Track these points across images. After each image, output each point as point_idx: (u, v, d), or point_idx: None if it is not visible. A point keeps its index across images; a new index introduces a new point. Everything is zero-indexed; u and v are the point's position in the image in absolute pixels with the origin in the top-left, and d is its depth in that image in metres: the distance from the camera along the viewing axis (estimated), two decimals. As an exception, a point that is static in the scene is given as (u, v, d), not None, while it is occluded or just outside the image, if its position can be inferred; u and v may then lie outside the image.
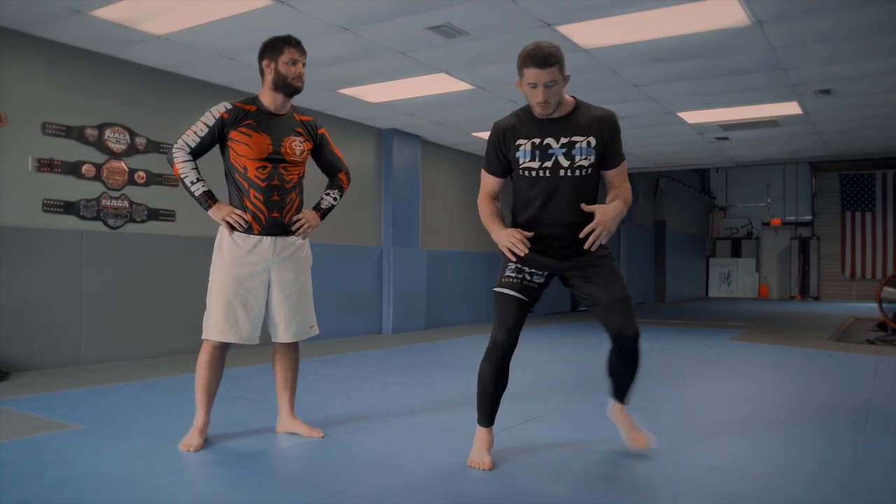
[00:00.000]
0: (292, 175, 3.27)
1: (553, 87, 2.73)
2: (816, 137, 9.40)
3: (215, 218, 3.20)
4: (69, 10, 4.95)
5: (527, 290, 2.94)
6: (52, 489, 2.60)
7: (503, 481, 2.77)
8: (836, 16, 4.95)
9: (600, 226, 2.71)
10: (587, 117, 2.85)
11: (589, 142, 2.81)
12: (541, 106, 2.78)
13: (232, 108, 3.19)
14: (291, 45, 3.23)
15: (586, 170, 2.82)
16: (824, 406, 4.39)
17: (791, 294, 21.68)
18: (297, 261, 3.33)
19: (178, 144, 3.19)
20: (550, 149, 2.83)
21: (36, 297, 5.42)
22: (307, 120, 3.42)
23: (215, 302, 3.20)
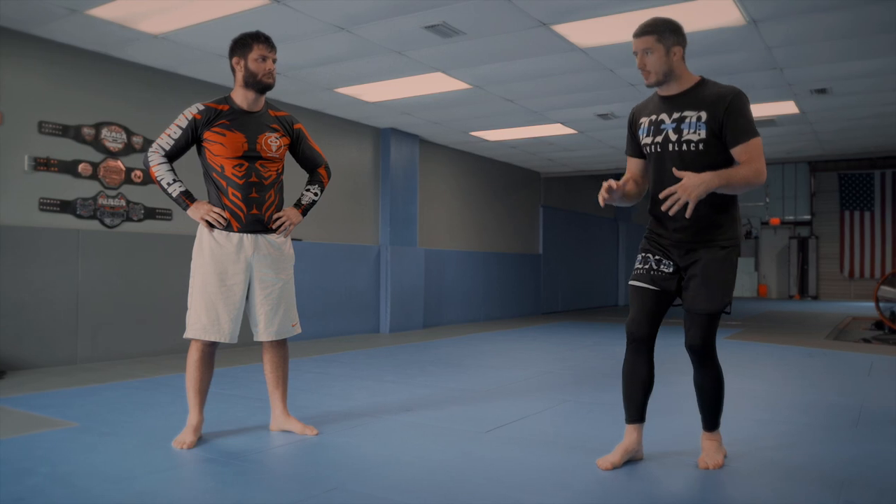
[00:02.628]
0: (270, 172, 3.27)
1: (650, 56, 2.76)
2: (813, 137, 9.41)
3: (194, 217, 3.20)
4: (66, 9, 4.96)
5: (656, 279, 2.90)
6: (46, 486, 2.61)
7: (496, 479, 2.78)
8: (830, 15, 4.97)
9: (680, 189, 2.60)
10: (706, 93, 2.78)
11: (700, 116, 2.74)
12: (644, 74, 2.81)
13: (204, 108, 3.20)
14: (260, 42, 3.22)
15: (695, 144, 2.74)
16: (817, 404, 4.41)
17: (790, 293, 21.70)
18: (279, 259, 3.34)
19: (152, 148, 3.20)
20: (663, 124, 2.82)
21: (32, 296, 5.43)
22: (282, 115, 3.41)
23: (197, 301, 3.21)
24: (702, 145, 2.73)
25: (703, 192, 2.60)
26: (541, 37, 5.48)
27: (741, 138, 2.69)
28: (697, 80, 2.84)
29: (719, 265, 2.79)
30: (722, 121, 2.70)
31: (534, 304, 12.61)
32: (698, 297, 2.80)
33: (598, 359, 6.57)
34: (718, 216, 2.79)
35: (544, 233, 12.96)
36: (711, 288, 2.79)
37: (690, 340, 2.88)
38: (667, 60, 2.76)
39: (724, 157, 2.74)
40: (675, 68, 2.79)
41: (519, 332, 9.17)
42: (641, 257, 2.95)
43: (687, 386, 5.01)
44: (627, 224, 16.69)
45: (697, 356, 2.92)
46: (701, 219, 2.76)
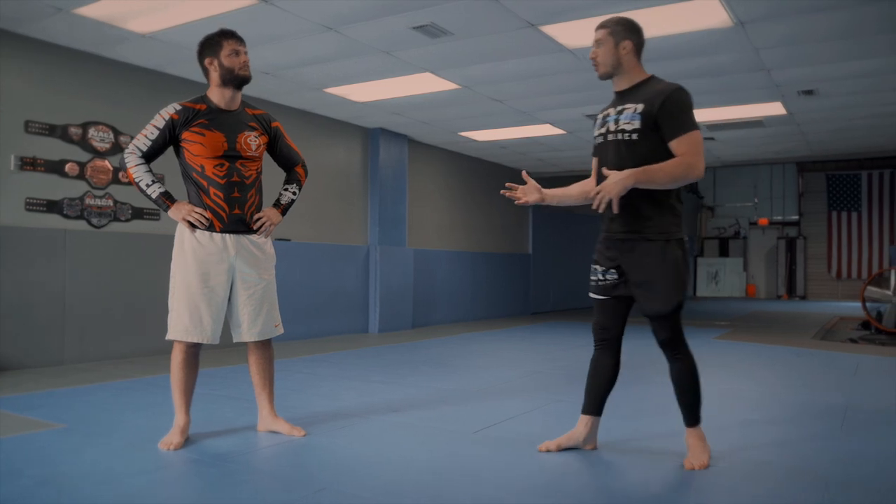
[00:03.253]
0: (250, 171, 3.26)
1: (600, 48, 2.90)
2: (801, 138, 9.47)
3: (175, 218, 3.17)
4: (53, 8, 4.94)
5: (607, 290, 3.03)
6: (32, 488, 2.60)
7: (484, 479, 2.79)
8: (818, 17, 4.99)
9: (602, 188, 2.75)
10: (649, 88, 2.87)
11: (637, 108, 2.83)
12: (594, 66, 2.95)
13: (181, 108, 3.17)
14: (229, 37, 3.21)
15: (629, 134, 2.82)
16: (804, 404, 4.43)
17: (778, 293, 21.81)
18: (261, 258, 3.32)
19: (129, 149, 3.16)
20: (608, 116, 2.95)
21: (19, 297, 5.40)
22: (260, 114, 3.39)
23: (179, 301, 3.18)
24: (636, 135, 2.81)
25: (621, 190, 2.71)
26: (529, 38, 5.49)
27: (677, 132, 2.76)
28: (647, 76, 2.94)
29: (659, 265, 2.83)
30: (657, 114, 2.77)
31: (523, 304, 12.62)
32: (648, 300, 2.87)
33: (587, 358, 6.57)
34: (648, 208, 2.84)
35: (534, 233, 12.99)
36: (656, 290, 2.84)
37: (658, 338, 2.96)
38: (615, 53, 2.87)
39: (659, 150, 2.80)
40: (623, 62, 2.89)
41: (508, 331, 9.18)
42: (592, 269, 3.08)
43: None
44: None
45: (668, 353, 2.98)
46: (629, 210, 2.84)
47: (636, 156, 2.80)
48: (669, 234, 2.85)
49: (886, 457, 3.17)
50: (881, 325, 9.42)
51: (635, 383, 5.08)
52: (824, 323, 11.42)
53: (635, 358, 6.09)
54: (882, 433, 3.63)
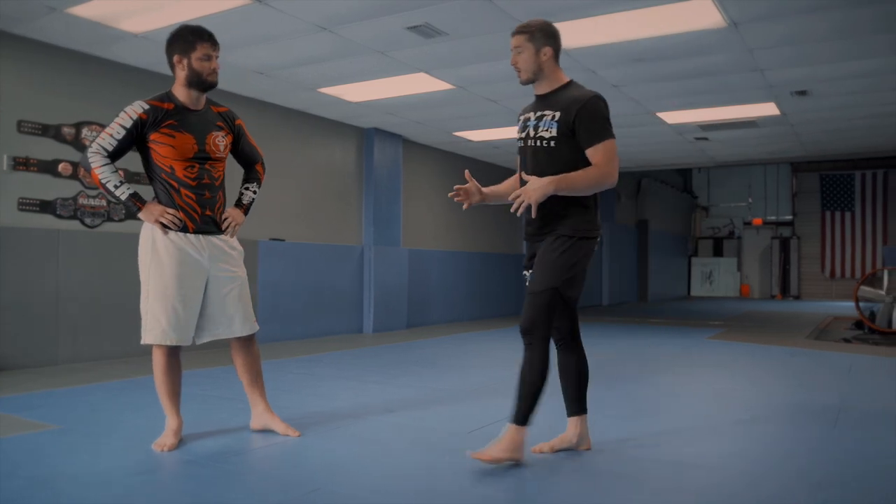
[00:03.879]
0: (219, 172, 3.26)
1: (521, 55, 2.91)
2: (794, 138, 9.50)
3: (147, 220, 3.12)
4: (46, 8, 4.92)
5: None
6: (25, 489, 2.59)
7: (478, 479, 2.79)
8: (811, 18, 5.01)
9: (522, 193, 2.80)
10: (567, 95, 2.91)
11: (555, 115, 2.87)
12: (516, 71, 2.96)
13: (150, 107, 3.10)
14: (205, 40, 3.14)
15: (547, 141, 2.88)
16: (797, 404, 4.44)
17: (772, 293, 21.87)
18: (232, 256, 3.31)
19: (92, 149, 3.05)
20: (528, 121, 2.98)
21: (12, 297, 5.38)
22: (224, 111, 3.35)
23: (155, 305, 3.14)
24: (553, 142, 2.86)
25: (541, 197, 2.76)
26: (524, 38, 5.48)
27: (593, 140, 2.82)
28: (566, 81, 2.98)
29: (551, 250, 2.88)
30: (574, 121, 2.82)
31: (518, 304, 12.61)
32: (532, 282, 2.91)
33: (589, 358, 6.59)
34: (568, 208, 2.89)
35: (528, 233, 12.98)
36: (538, 270, 2.90)
37: (520, 322, 2.93)
38: (536, 60, 2.90)
39: (575, 157, 2.86)
40: (544, 68, 2.92)
41: (503, 331, 9.18)
42: (523, 275, 3.12)
43: (678, 387, 5.05)
44: (612, 224, 16.76)
45: (524, 340, 2.93)
46: (546, 210, 2.88)
47: (554, 162, 2.86)
48: (582, 232, 2.91)
49: (880, 457, 3.18)
50: (874, 325, 9.44)
51: (631, 382, 5.08)
52: (818, 323, 11.45)
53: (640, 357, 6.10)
54: (876, 433, 3.64)
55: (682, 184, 22.58)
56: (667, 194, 20.69)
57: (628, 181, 18.15)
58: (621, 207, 17.63)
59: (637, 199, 18.81)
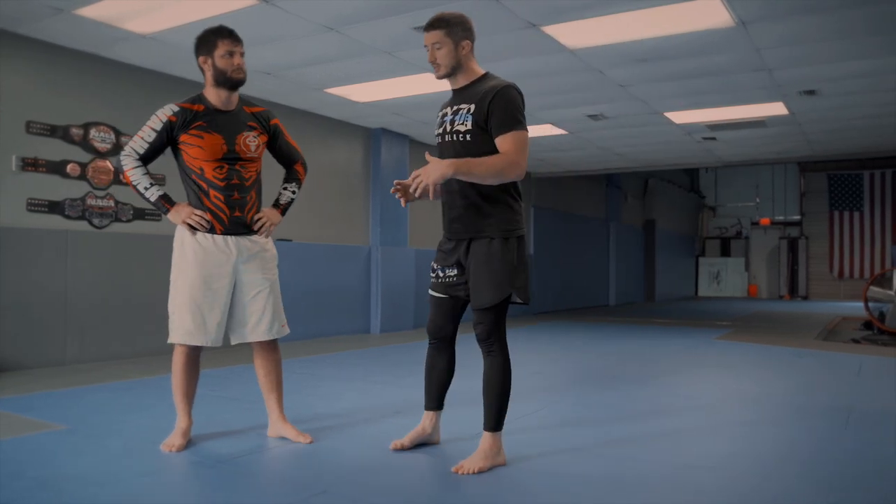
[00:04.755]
0: (250, 172, 3.23)
1: (440, 51, 2.86)
2: (803, 138, 9.45)
3: (175, 221, 3.14)
4: (53, 9, 4.93)
5: (447, 288, 3.04)
6: (32, 490, 2.59)
7: (486, 482, 2.78)
8: (819, 17, 4.99)
9: (421, 172, 2.71)
10: (482, 87, 2.88)
11: (469, 108, 2.85)
12: (434, 66, 2.91)
13: (179, 110, 3.12)
14: (224, 37, 3.14)
15: (462, 135, 2.85)
16: (807, 404, 4.42)
17: (780, 293, 21.80)
18: (263, 259, 3.28)
19: (125, 151, 3.12)
20: (446, 116, 2.95)
21: (20, 297, 5.39)
22: (259, 111, 3.33)
23: (181, 305, 3.15)
24: (468, 136, 2.83)
25: (439, 178, 2.68)
26: (530, 38, 5.48)
27: (502, 129, 2.78)
28: (482, 74, 2.95)
29: (486, 259, 2.85)
30: (486, 113, 2.80)
31: (525, 305, 12.58)
32: (475, 293, 2.89)
33: (589, 359, 6.59)
34: (488, 206, 2.86)
35: (535, 233, 12.97)
36: (482, 283, 2.86)
37: (476, 331, 2.94)
38: (455, 54, 2.87)
39: (492, 151, 2.81)
40: (462, 62, 2.90)
41: (510, 332, 9.14)
42: (432, 267, 3.09)
43: (686, 388, 5.03)
44: (618, 224, 16.73)
45: (484, 348, 2.97)
46: (470, 207, 2.86)
47: (471, 155, 2.80)
48: (509, 231, 2.88)
49: (890, 458, 3.16)
50: (884, 326, 9.41)
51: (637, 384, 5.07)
52: (826, 323, 11.41)
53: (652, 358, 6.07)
54: (886, 434, 3.61)
55: (690, 184, 22.53)
56: (674, 194, 20.64)
57: (635, 181, 18.12)
58: (628, 207, 17.59)
59: (644, 198, 18.77)
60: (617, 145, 10.26)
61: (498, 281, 2.85)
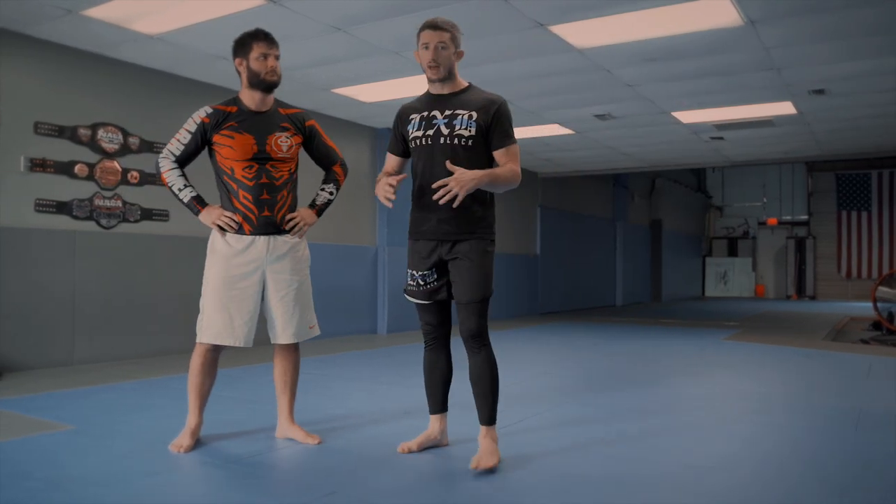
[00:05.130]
0: (281, 172, 3.22)
1: (444, 51, 2.93)
2: (811, 137, 9.42)
3: (205, 222, 3.17)
4: (61, 10, 4.94)
5: (429, 294, 3.07)
6: (41, 490, 2.59)
7: (494, 484, 2.77)
8: (828, 16, 4.96)
9: (453, 182, 2.76)
10: (475, 97, 3.00)
11: (471, 115, 2.93)
12: (431, 68, 2.95)
13: (213, 111, 3.16)
14: (259, 40, 3.17)
15: (466, 140, 2.92)
16: (816, 406, 4.40)
17: (787, 293, 21.72)
18: (294, 260, 3.27)
19: (163, 154, 3.19)
20: (435, 119, 2.98)
21: (28, 297, 5.40)
22: (294, 113, 3.36)
23: (209, 304, 3.17)
24: (471, 141, 2.93)
25: (472, 187, 2.78)
26: (538, 37, 5.47)
27: (505, 142, 2.96)
28: (467, 84, 3.07)
29: (480, 257, 2.96)
30: (490, 122, 2.93)
31: (531, 305, 12.59)
32: (467, 288, 2.95)
33: (596, 360, 6.57)
34: (482, 209, 2.99)
35: (542, 233, 12.95)
36: (478, 278, 2.95)
37: (466, 330, 3.01)
38: (452, 60, 2.98)
39: (486, 155, 2.97)
40: (454, 69, 3.01)
41: (516, 332, 9.16)
42: (409, 274, 3.10)
43: (695, 388, 5.01)
44: (625, 224, 16.69)
45: (475, 344, 3.04)
46: (465, 210, 2.93)
47: (470, 159, 2.91)
48: (492, 233, 3.05)
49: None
50: (892, 326, 9.36)
51: (650, 385, 5.05)
52: (835, 323, 11.36)
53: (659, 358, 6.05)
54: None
55: (696, 183, 22.48)
56: (680, 194, 20.60)
57: (642, 181, 18.08)
58: (635, 207, 17.56)
59: (651, 198, 18.73)
60: (624, 145, 10.24)
61: (488, 278, 2.99)
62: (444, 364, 3.23)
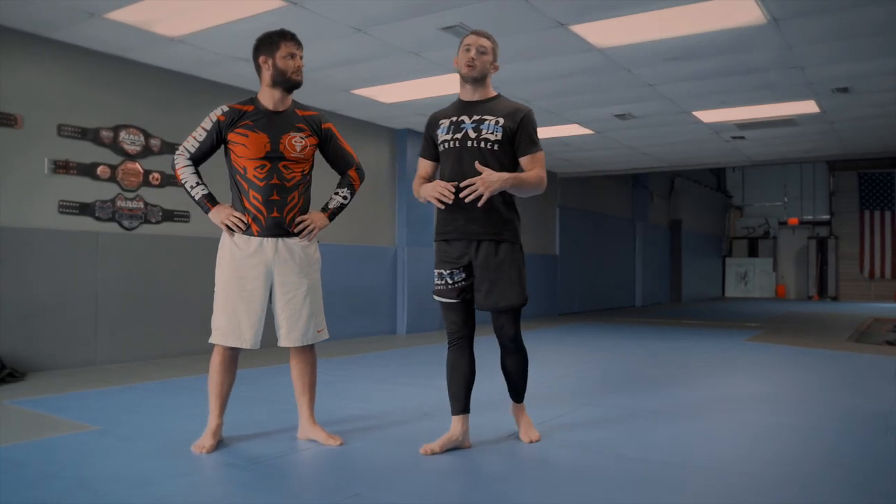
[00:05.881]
0: (294, 173, 3.20)
1: (482, 56, 3.09)
2: (834, 136, 9.31)
3: (214, 221, 3.18)
4: (84, 13, 4.99)
5: (458, 293, 3.21)
6: (71, 490, 2.61)
7: (517, 486, 2.76)
8: (852, 13, 4.90)
9: (479, 181, 2.91)
10: (503, 105, 3.15)
11: (498, 121, 3.07)
12: (468, 64, 3.09)
13: (229, 109, 3.16)
14: (287, 39, 3.19)
15: (492, 144, 3.05)
16: (844, 409, 4.34)
17: (809, 294, 21.50)
18: (302, 263, 3.24)
19: (178, 151, 3.20)
20: (463, 124, 3.12)
21: (51, 298, 5.45)
22: (310, 115, 3.34)
23: (218, 306, 3.18)
24: (497, 146, 3.06)
25: (498, 189, 2.93)
26: (558, 37, 5.45)
27: (531, 149, 3.10)
28: (496, 94, 3.21)
29: (513, 263, 3.12)
30: (516, 129, 3.07)
31: (550, 306, 12.55)
32: (502, 295, 3.12)
33: (618, 361, 6.53)
34: (508, 212, 3.13)
35: (561, 233, 12.91)
36: (514, 285, 3.12)
37: (504, 336, 3.25)
38: (489, 67, 3.14)
39: (512, 160, 3.12)
40: (487, 79, 3.17)
41: (535, 333, 9.13)
42: (437, 274, 3.25)
43: (718, 391, 4.96)
44: (644, 224, 16.60)
45: (512, 343, 3.28)
46: (492, 212, 3.06)
47: (496, 163, 3.04)
48: (518, 237, 3.17)
49: (932, 464, 3.08)
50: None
51: (674, 385, 5.01)
52: (858, 324, 11.23)
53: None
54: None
55: (716, 183, 22.32)
56: (700, 194, 20.46)
57: (662, 180, 17.98)
58: (654, 207, 17.46)
59: (670, 198, 18.62)
60: (644, 145, 10.18)
61: (522, 283, 3.16)
62: (467, 364, 3.28)
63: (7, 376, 4.91)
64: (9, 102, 5.28)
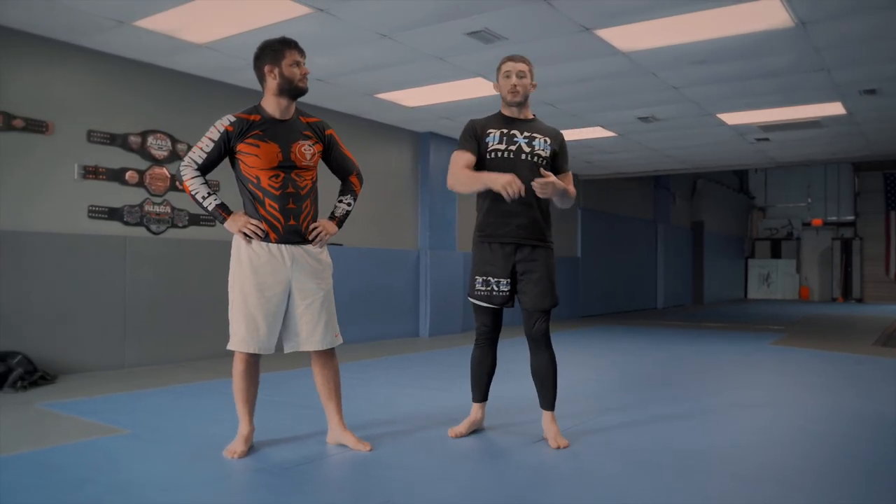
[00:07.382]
0: (305, 181, 3.24)
1: (522, 80, 3.44)
2: (861, 137, 9.22)
3: (231, 230, 3.18)
4: (114, 21, 5.05)
5: (498, 300, 3.48)
6: (106, 494, 2.65)
7: (546, 492, 2.76)
8: (880, 15, 4.86)
9: (552, 182, 3.26)
10: (545, 126, 3.55)
11: (546, 140, 3.47)
12: (511, 91, 3.43)
13: (236, 120, 3.17)
14: (291, 47, 3.20)
15: (544, 159, 3.44)
16: (872, 414, 4.29)
17: (833, 296, 21.27)
18: (318, 268, 3.29)
19: (185, 162, 3.19)
20: (515, 137, 3.45)
21: (81, 302, 5.53)
22: (314, 122, 3.36)
23: (237, 312, 3.19)
24: (545, 161, 3.45)
25: (552, 193, 3.32)
26: (583, 42, 5.44)
27: (566, 166, 3.58)
28: (533, 115, 3.57)
29: (549, 267, 3.48)
30: (558, 150, 3.51)
31: (572, 308, 12.52)
32: (539, 297, 3.41)
33: (640, 364, 6.50)
34: (547, 219, 3.52)
35: (582, 235, 12.87)
36: (546, 287, 3.43)
37: (536, 333, 3.49)
38: (529, 88, 3.49)
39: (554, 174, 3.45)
40: (527, 99, 3.51)
41: (557, 336, 9.11)
42: (482, 280, 3.49)
43: (743, 395, 4.93)
44: (666, 225, 16.51)
45: (542, 343, 3.51)
46: (537, 219, 3.44)
47: (540, 176, 3.32)
48: (552, 242, 3.55)
49: (965, 474, 3.05)
50: (946, 331, 9.11)
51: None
52: (884, 328, 11.10)
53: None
54: (958, 448, 3.49)
55: (739, 184, 22.14)
56: (722, 195, 20.31)
57: (684, 182, 17.87)
58: (676, 209, 17.36)
59: (692, 199, 18.50)
60: (667, 147, 10.13)
61: (554, 287, 3.49)
62: (490, 360, 3.68)
63: (39, 379, 4.99)
64: (40, 109, 5.37)
